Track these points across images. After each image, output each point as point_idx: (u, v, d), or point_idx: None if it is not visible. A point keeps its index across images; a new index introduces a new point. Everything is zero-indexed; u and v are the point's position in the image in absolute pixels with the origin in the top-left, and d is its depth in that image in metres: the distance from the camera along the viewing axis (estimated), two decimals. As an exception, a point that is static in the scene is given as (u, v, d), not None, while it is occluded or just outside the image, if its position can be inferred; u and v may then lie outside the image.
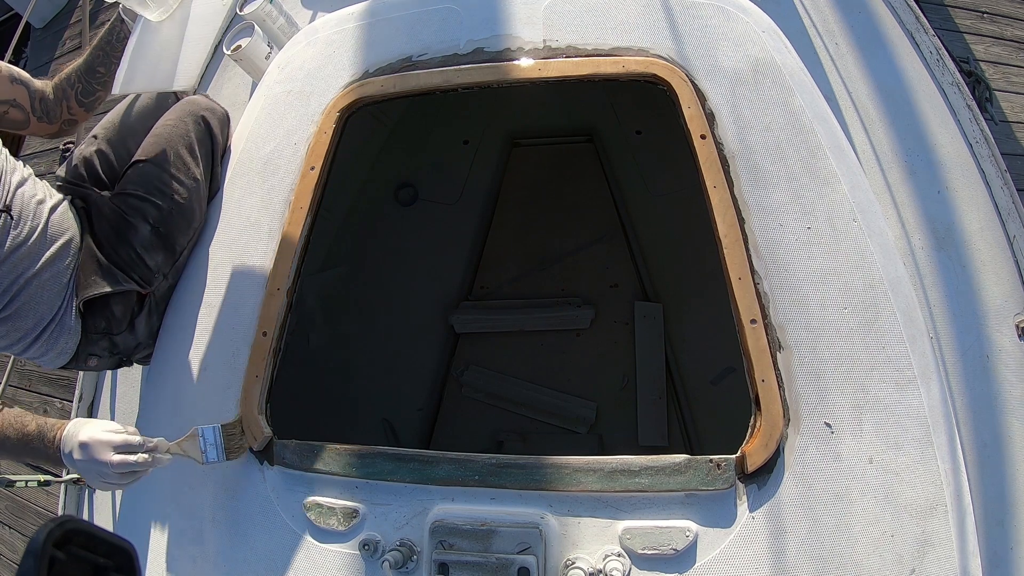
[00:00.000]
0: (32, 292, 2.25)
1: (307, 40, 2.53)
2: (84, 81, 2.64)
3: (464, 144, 4.44)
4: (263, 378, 2.17)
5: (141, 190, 2.44)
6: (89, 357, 2.47)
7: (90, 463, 1.95)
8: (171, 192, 2.45)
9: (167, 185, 2.45)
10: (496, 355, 4.33)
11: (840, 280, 1.84)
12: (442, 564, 1.83)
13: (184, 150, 2.52)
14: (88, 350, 2.44)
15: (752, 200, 1.94)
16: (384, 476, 1.97)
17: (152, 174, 2.46)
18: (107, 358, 2.51)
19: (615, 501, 1.81)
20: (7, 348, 2.37)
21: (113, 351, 2.48)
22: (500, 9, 2.32)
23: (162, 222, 2.43)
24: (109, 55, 2.73)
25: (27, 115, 2.50)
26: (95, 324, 2.39)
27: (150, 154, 2.51)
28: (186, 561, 2.18)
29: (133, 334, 2.47)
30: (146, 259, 2.40)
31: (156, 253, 2.42)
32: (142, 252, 2.39)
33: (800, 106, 1.99)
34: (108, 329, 2.41)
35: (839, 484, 1.72)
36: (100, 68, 2.70)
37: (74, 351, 2.41)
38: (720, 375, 3.64)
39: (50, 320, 2.32)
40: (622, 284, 4.29)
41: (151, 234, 2.41)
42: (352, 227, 4.01)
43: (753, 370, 1.82)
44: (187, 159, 2.51)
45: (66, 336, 2.35)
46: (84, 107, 2.68)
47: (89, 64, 2.67)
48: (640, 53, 2.15)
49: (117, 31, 2.76)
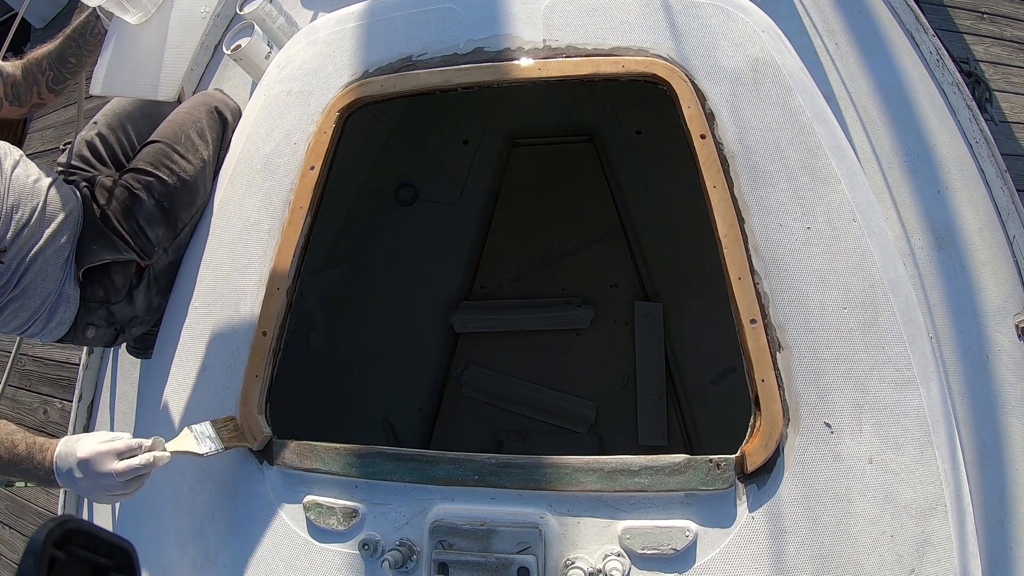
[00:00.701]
0: (38, 269, 2.28)
1: (307, 40, 2.53)
2: (55, 69, 2.66)
3: (464, 144, 4.44)
4: (263, 378, 2.17)
5: (149, 166, 2.49)
6: (87, 327, 2.51)
7: (95, 479, 1.92)
8: (178, 170, 2.50)
9: (175, 163, 2.50)
10: (496, 355, 4.33)
11: (840, 280, 1.84)
12: (442, 564, 1.83)
13: (195, 134, 2.60)
14: (86, 319, 2.48)
15: (752, 200, 1.94)
16: (384, 476, 1.98)
17: (161, 151, 2.52)
18: (104, 328, 2.54)
19: (615, 501, 1.81)
20: (16, 329, 2.40)
21: (110, 320, 2.52)
22: (500, 9, 2.32)
23: (166, 196, 2.47)
24: (81, 47, 2.75)
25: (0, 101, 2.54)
26: (94, 293, 2.45)
27: (162, 134, 2.58)
28: (186, 561, 2.17)
29: (131, 305, 2.53)
30: (147, 231, 2.45)
31: (158, 227, 2.47)
32: (144, 224, 2.44)
33: (800, 106, 1.99)
34: (107, 298, 2.47)
35: (839, 484, 1.72)
36: (71, 58, 2.71)
37: (72, 320, 2.45)
38: (720, 375, 3.65)
39: (55, 293, 2.35)
40: (622, 284, 4.29)
41: (155, 208, 2.46)
42: (352, 227, 4.02)
43: (753, 370, 1.82)
44: (196, 141, 2.59)
45: (64, 305, 2.39)
46: (54, 93, 2.71)
47: (60, 53, 2.69)
48: (640, 53, 2.15)
49: (92, 26, 2.78)
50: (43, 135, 7.04)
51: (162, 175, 2.47)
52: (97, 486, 1.93)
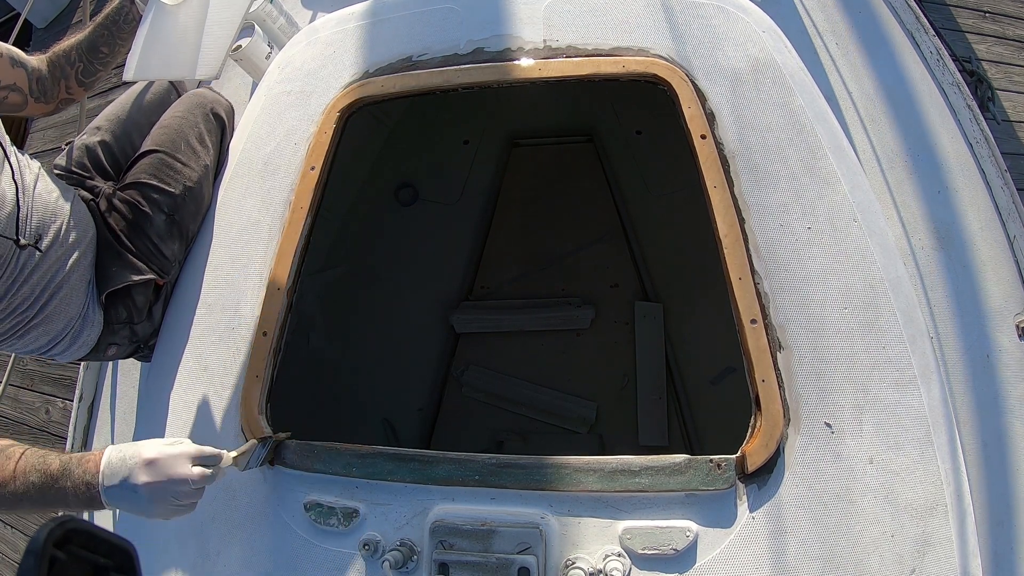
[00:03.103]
0: (64, 295, 2.25)
1: (307, 40, 2.54)
2: (85, 60, 2.58)
3: (464, 144, 4.45)
4: (263, 378, 2.17)
5: (154, 180, 2.45)
6: (109, 347, 2.46)
7: (165, 485, 1.76)
8: (183, 179, 2.47)
9: (179, 173, 2.47)
10: (496, 355, 4.34)
11: (840, 280, 1.85)
12: (442, 564, 1.83)
13: (194, 139, 2.56)
14: (108, 340, 2.44)
15: (752, 200, 1.95)
16: (384, 476, 1.97)
17: (164, 163, 2.48)
18: (126, 346, 2.51)
19: (615, 501, 1.81)
20: (36, 351, 2.35)
21: (132, 339, 2.49)
22: (500, 9, 2.33)
23: (175, 210, 2.44)
24: (114, 35, 2.64)
25: (25, 97, 2.44)
26: (117, 315, 2.40)
27: (161, 143, 2.53)
28: (186, 561, 2.17)
29: (151, 321, 2.49)
30: (163, 248, 2.42)
31: (172, 242, 2.44)
32: (158, 242, 2.41)
33: (800, 106, 2.00)
34: (130, 319, 2.42)
35: (839, 484, 1.73)
36: (103, 48, 2.62)
37: (95, 343, 2.41)
38: (720, 375, 3.65)
39: (78, 318, 2.32)
40: (622, 284, 4.30)
41: (166, 223, 2.42)
42: (352, 227, 4.03)
43: (753, 370, 1.83)
44: (197, 147, 2.55)
45: (88, 329, 2.36)
46: (84, 87, 2.62)
47: (92, 42, 2.59)
48: (640, 53, 2.16)
49: (126, 11, 2.66)
50: (44, 135, 7.03)
51: (167, 187, 2.44)
52: (165, 494, 1.77)
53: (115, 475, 1.74)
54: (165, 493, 1.76)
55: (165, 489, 1.76)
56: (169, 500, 1.77)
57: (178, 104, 2.71)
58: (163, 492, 1.76)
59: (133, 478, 1.74)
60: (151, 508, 1.76)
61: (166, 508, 1.78)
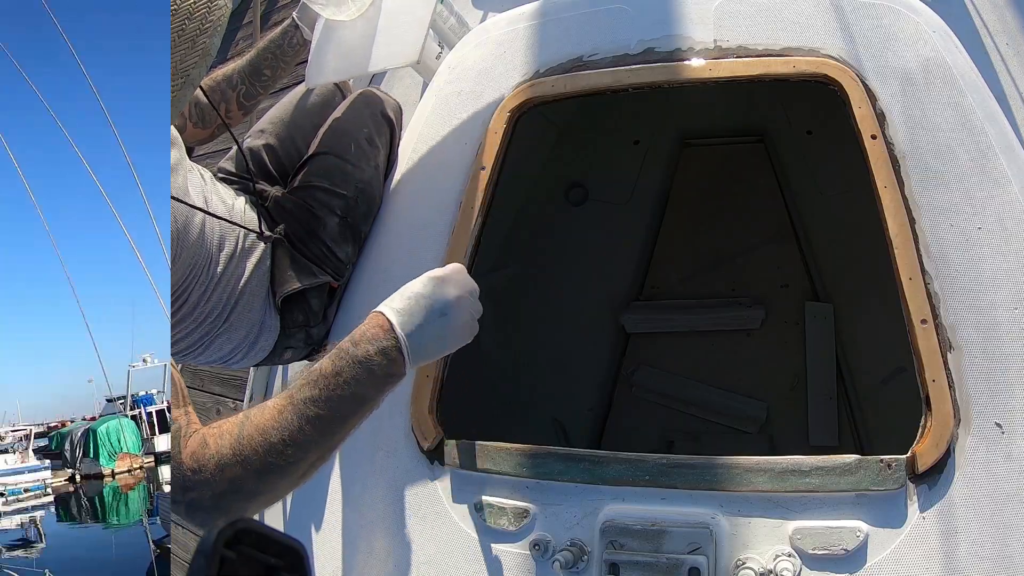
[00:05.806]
0: (246, 302, 2.41)
1: (477, 40, 2.67)
2: (248, 83, 2.77)
3: (635, 144, 4.54)
4: (434, 378, 2.29)
5: (326, 182, 2.59)
6: (285, 351, 2.62)
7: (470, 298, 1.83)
8: (355, 182, 2.61)
9: (350, 175, 2.61)
10: (666, 355, 4.46)
11: (1011, 280, 1.88)
12: (613, 564, 1.90)
13: (363, 140, 2.70)
14: (285, 344, 2.59)
15: (922, 200, 2.00)
16: (555, 476, 2.06)
17: (335, 165, 2.62)
18: (301, 349, 2.66)
19: (785, 501, 1.88)
20: (217, 360, 2.52)
21: (308, 342, 2.63)
22: (671, 9, 2.40)
23: (349, 212, 2.57)
24: (278, 58, 2.82)
25: (184, 121, 2.58)
26: (293, 319, 2.55)
27: (330, 146, 2.67)
28: (355, 560, 2.33)
29: (325, 324, 2.63)
30: (336, 252, 2.56)
31: (345, 245, 2.58)
32: (332, 245, 2.55)
33: (971, 106, 2.03)
34: (306, 322, 2.57)
35: (1011, 484, 1.76)
36: (266, 71, 2.80)
37: (272, 348, 2.56)
38: (890, 375, 3.71)
39: (257, 324, 2.47)
40: (792, 284, 4.38)
41: (339, 226, 2.56)
42: (522, 227, 4.12)
43: (924, 370, 1.88)
44: (366, 148, 2.69)
45: (267, 334, 2.52)
46: (243, 110, 2.83)
47: (255, 66, 2.78)
48: (811, 53, 2.22)
49: (290, 36, 2.84)
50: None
51: (339, 190, 2.56)
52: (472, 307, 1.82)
53: (412, 317, 1.69)
54: (472, 307, 1.83)
55: (471, 304, 1.83)
56: (473, 316, 1.84)
57: (345, 105, 2.82)
58: (470, 306, 1.82)
59: (442, 299, 1.74)
60: (464, 332, 1.82)
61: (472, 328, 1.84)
